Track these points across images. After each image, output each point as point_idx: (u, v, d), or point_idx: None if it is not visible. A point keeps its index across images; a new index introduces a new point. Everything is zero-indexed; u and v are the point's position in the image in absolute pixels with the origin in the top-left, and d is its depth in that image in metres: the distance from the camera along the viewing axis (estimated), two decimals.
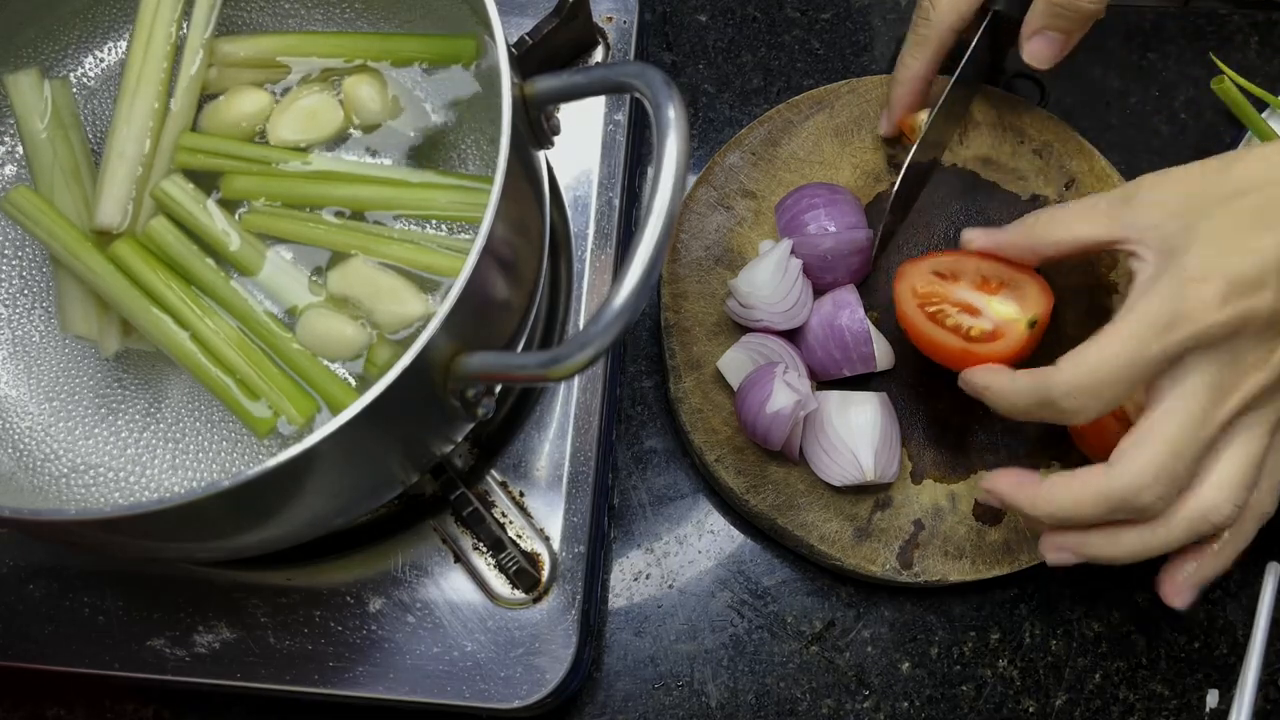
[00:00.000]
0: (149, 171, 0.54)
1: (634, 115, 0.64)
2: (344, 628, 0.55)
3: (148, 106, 0.54)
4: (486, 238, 0.41)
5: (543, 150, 0.50)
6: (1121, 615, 0.61)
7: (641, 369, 0.65)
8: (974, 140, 0.66)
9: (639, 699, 0.60)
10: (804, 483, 0.60)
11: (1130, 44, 0.71)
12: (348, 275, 0.52)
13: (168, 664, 0.55)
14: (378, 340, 0.51)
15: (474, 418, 0.46)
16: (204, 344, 0.51)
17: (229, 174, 0.54)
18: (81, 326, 0.53)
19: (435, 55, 0.55)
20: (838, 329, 0.59)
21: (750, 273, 0.59)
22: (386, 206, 0.53)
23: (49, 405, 0.53)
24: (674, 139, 0.39)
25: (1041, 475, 0.50)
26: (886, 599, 0.61)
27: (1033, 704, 0.60)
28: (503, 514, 0.57)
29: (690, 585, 0.62)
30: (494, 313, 0.47)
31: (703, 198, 0.65)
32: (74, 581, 0.57)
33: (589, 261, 0.61)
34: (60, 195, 0.54)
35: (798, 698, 0.60)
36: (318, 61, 0.56)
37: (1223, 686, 0.60)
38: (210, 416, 0.52)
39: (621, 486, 0.63)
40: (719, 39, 0.72)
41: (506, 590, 0.55)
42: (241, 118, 0.55)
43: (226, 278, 0.52)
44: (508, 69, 0.44)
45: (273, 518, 0.46)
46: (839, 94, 0.67)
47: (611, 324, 0.38)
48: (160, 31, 0.54)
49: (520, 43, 0.61)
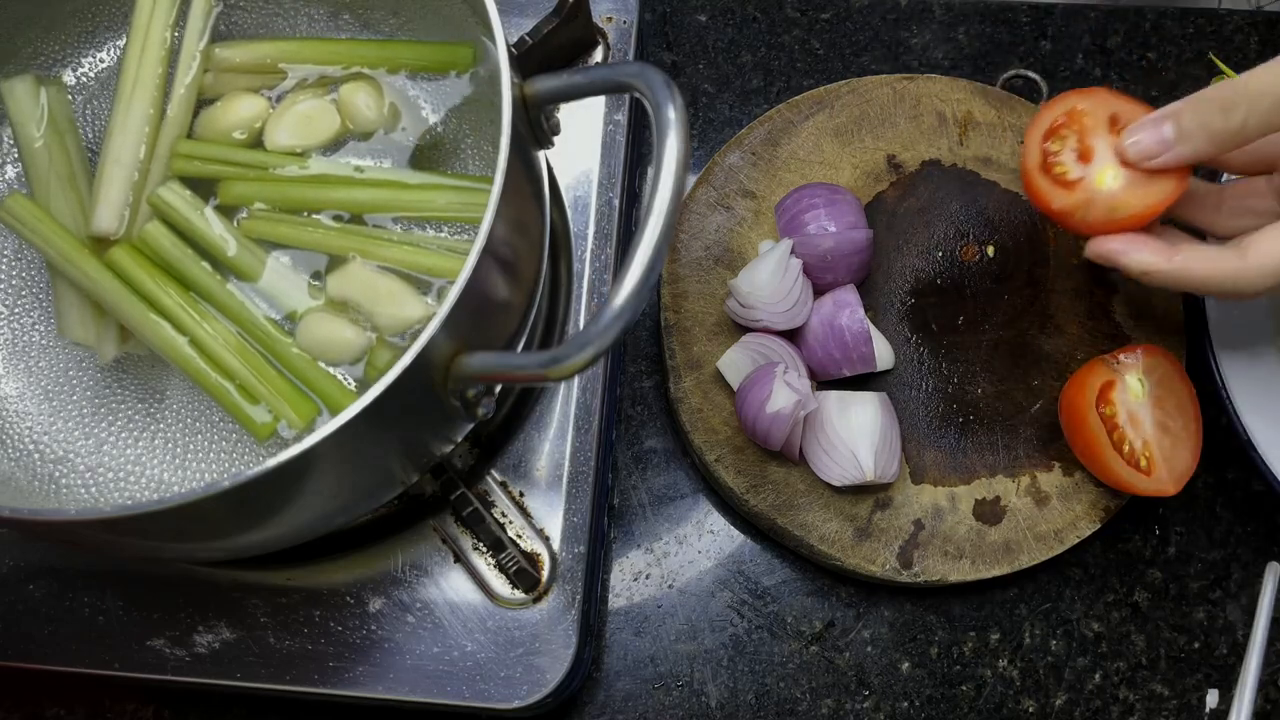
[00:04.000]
0: (145, 177, 0.54)
1: (634, 115, 0.64)
2: (344, 628, 0.55)
3: (143, 112, 0.54)
4: (486, 238, 0.41)
5: (543, 150, 0.50)
6: (1121, 615, 0.61)
7: (641, 369, 0.65)
8: (974, 140, 0.66)
9: (639, 699, 0.60)
10: (804, 483, 0.60)
11: (1130, 44, 0.71)
12: (347, 279, 0.52)
13: (168, 664, 0.55)
14: (378, 343, 0.51)
15: (474, 418, 0.46)
16: (202, 349, 0.51)
17: (226, 179, 0.54)
18: (79, 332, 0.53)
19: (431, 62, 0.55)
20: (838, 329, 0.59)
21: (750, 273, 0.59)
22: (385, 209, 0.53)
23: (49, 405, 0.53)
24: (674, 139, 0.39)
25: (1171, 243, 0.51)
26: (886, 599, 0.61)
27: (1033, 704, 0.60)
28: (503, 514, 0.57)
29: (690, 585, 0.62)
30: (494, 313, 0.47)
31: (703, 198, 0.65)
32: (74, 581, 0.57)
33: (589, 261, 0.61)
34: (57, 201, 0.54)
35: (798, 698, 0.60)
36: (314, 68, 0.56)
37: (1223, 686, 0.60)
38: (211, 417, 0.52)
39: (621, 486, 0.63)
40: (719, 39, 0.72)
41: (506, 590, 0.55)
42: (237, 123, 0.55)
43: (223, 281, 0.52)
44: (508, 69, 0.44)
45: (273, 518, 0.46)
46: (839, 94, 0.67)
47: (611, 324, 0.38)
48: (155, 36, 0.54)
49: (520, 43, 0.61)
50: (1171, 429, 0.57)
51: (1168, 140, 0.50)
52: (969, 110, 0.67)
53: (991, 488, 0.60)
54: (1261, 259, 0.48)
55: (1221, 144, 0.49)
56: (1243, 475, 0.63)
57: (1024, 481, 0.60)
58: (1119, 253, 0.52)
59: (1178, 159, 0.50)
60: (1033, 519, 0.60)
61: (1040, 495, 0.60)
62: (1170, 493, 0.56)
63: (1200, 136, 0.49)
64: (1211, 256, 0.50)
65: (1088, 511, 0.60)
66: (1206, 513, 0.63)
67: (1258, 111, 0.47)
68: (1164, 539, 0.62)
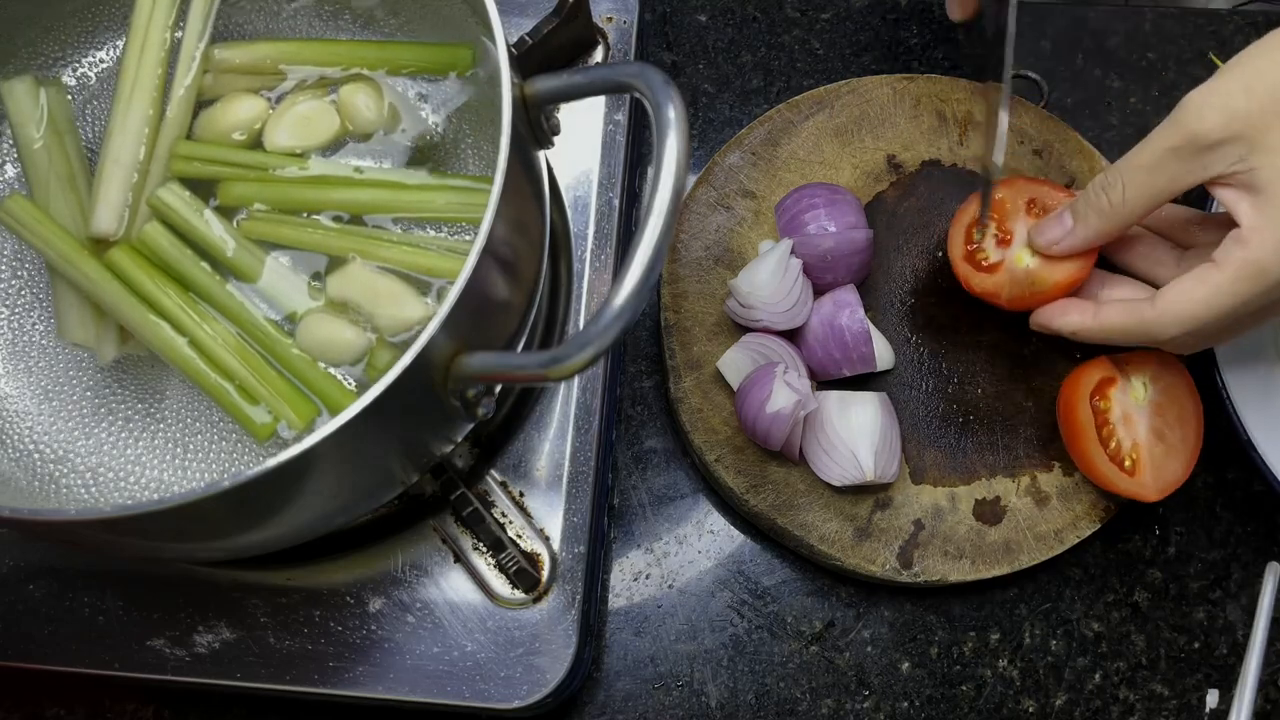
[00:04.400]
0: (145, 178, 0.53)
1: (634, 115, 0.64)
2: (344, 628, 0.55)
3: (142, 113, 0.54)
4: (486, 238, 0.41)
5: (543, 150, 0.50)
6: (1121, 615, 0.61)
7: (641, 369, 0.65)
8: (974, 140, 0.66)
9: (639, 699, 0.60)
10: (804, 483, 0.60)
11: (1130, 44, 0.71)
12: (346, 279, 0.52)
13: (168, 664, 0.55)
14: (378, 344, 0.51)
15: (474, 418, 0.46)
16: (202, 350, 0.51)
17: (226, 180, 0.53)
18: (79, 334, 0.53)
19: (431, 64, 0.55)
20: (838, 329, 0.59)
21: (750, 273, 0.59)
22: (384, 209, 0.53)
23: (49, 405, 0.53)
24: (674, 139, 0.39)
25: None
26: (886, 599, 0.61)
27: (1033, 704, 0.60)
28: (503, 514, 0.57)
29: (690, 585, 0.62)
30: (494, 313, 0.47)
31: (703, 198, 0.65)
32: (74, 581, 0.57)
33: (589, 261, 0.61)
34: (56, 202, 0.54)
35: (798, 698, 0.60)
36: (313, 69, 0.55)
37: (1223, 686, 0.60)
38: (211, 417, 0.52)
39: (621, 486, 0.63)
40: (719, 39, 0.72)
41: (506, 590, 0.55)
42: (237, 124, 0.54)
43: (223, 282, 0.52)
44: (508, 69, 0.44)
45: (273, 518, 0.46)
46: (839, 94, 0.67)
47: (611, 324, 0.38)
48: (154, 37, 0.54)
49: (520, 43, 0.61)
50: (1167, 439, 0.57)
51: (1068, 226, 0.56)
52: (969, 110, 0.67)
53: (991, 488, 0.60)
54: (1167, 306, 0.52)
55: (1112, 219, 0.54)
56: (1243, 475, 0.63)
57: (1024, 481, 0.60)
58: (1051, 319, 0.57)
59: (1081, 241, 0.55)
60: (1033, 519, 0.60)
61: (1040, 495, 0.60)
62: (1150, 499, 0.57)
63: (1092, 217, 0.54)
64: (1129, 310, 0.54)
65: (1088, 511, 0.60)
66: (1206, 513, 0.63)
67: (1134, 184, 0.52)
68: (1164, 539, 0.62)
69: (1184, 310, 0.51)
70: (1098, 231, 0.55)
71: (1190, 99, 0.50)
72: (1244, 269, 0.49)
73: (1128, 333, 0.54)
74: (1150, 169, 0.51)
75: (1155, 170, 0.51)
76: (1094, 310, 0.56)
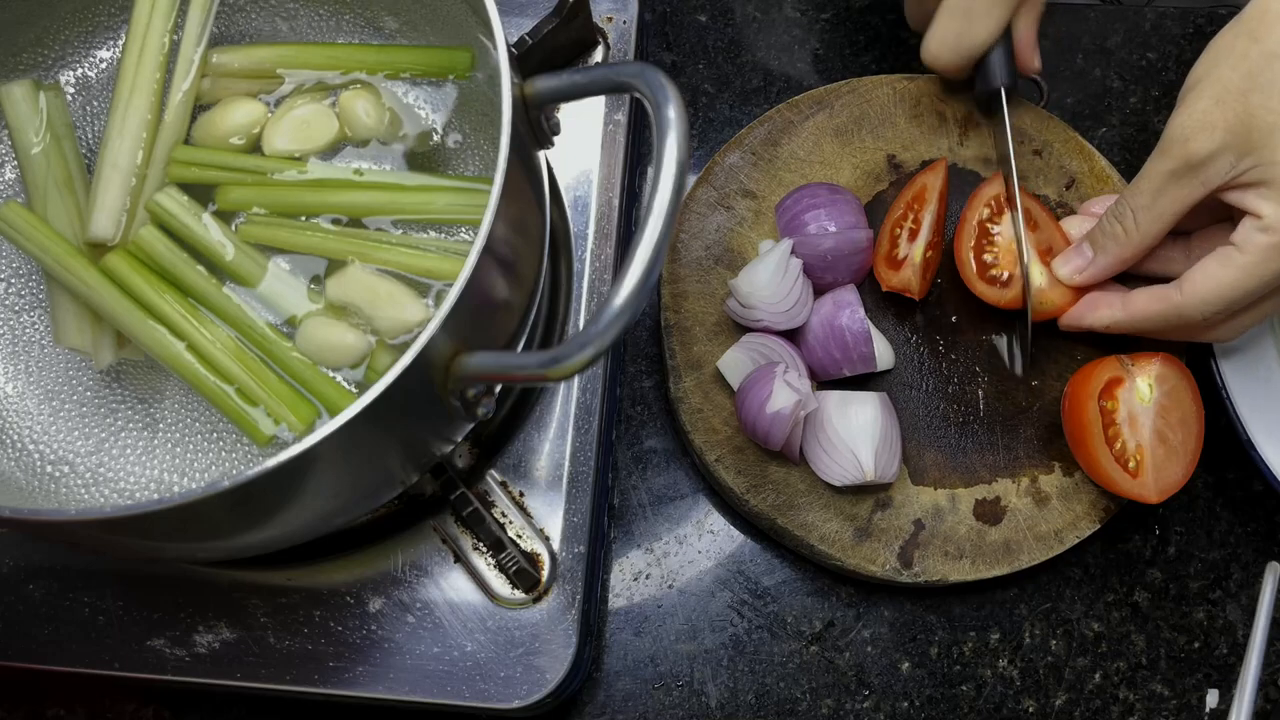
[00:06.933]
0: (143, 183, 0.53)
1: (634, 115, 0.64)
2: (344, 628, 0.55)
3: (140, 117, 0.53)
4: (486, 238, 0.41)
5: (543, 150, 0.50)
6: (1121, 615, 0.61)
7: (641, 369, 0.65)
8: (974, 140, 0.66)
9: (639, 699, 0.60)
10: (804, 483, 0.60)
11: (1130, 44, 0.71)
12: (346, 282, 0.52)
13: (168, 664, 0.55)
14: (379, 347, 0.51)
15: (474, 418, 0.46)
16: (200, 354, 0.51)
17: (224, 185, 0.53)
18: (75, 339, 0.53)
19: (431, 67, 0.55)
20: (838, 329, 0.59)
21: (750, 273, 0.59)
22: (384, 212, 0.53)
23: (49, 406, 0.53)
24: (674, 139, 0.39)
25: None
26: (886, 599, 0.61)
27: (1033, 704, 0.60)
28: (503, 514, 0.57)
29: (690, 585, 0.62)
30: (494, 313, 0.47)
31: (703, 198, 0.65)
32: (74, 581, 0.57)
33: (589, 261, 0.61)
34: (54, 206, 0.53)
35: (798, 698, 0.60)
36: (312, 73, 0.55)
37: (1223, 686, 0.60)
38: (211, 417, 0.52)
39: (621, 486, 0.63)
40: (719, 39, 0.72)
41: (506, 590, 0.55)
42: (235, 128, 0.54)
43: (220, 285, 0.52)
44: (508, 69, 0.44)
45: (273, 518, 0.46)
46: (839, 94, 0.67)
47: (611, 324, 0.38)
48: (153, 41, 0.54)
49: (520, 43, 0.61)
50: (1169, 441, 0.57)
51: (1089, 257, 0.58)
52: (969, 110, 0.67)
53: (991, 488, 0.60)
54: (1194, 288, 0.54)
55: (1129, 245, 0.57)
56: (1243, 475, 0.63)
57: (1024, 482, 0.60)
58: (1081, 316, 0.59)
59: (1102, 270, 0.58)
60: (1033, 519, 0.60)
61: (1040, 495, 0.60)
62: (1152, 500, 0.57)
63: (1111, 246, 0.57)
64: (1158, 296, 0.56)
65: (1088, 512, 0.60)
66: (1206, 513, 0.63)
67: (1143, 211, 0.55)
68: (1164, 539, 0.63)
69: (1211, 290, 0.53)
70: (1118, 258, 0.57)
71: (1173, 125, 0.53)
72: (1271, 251, 0.52)
73: (1161, 318, 0.56)
74: (1155, 194, 0.55)
75: (1160, 195, 0.54)
76: (1123, 301, 0.57)
